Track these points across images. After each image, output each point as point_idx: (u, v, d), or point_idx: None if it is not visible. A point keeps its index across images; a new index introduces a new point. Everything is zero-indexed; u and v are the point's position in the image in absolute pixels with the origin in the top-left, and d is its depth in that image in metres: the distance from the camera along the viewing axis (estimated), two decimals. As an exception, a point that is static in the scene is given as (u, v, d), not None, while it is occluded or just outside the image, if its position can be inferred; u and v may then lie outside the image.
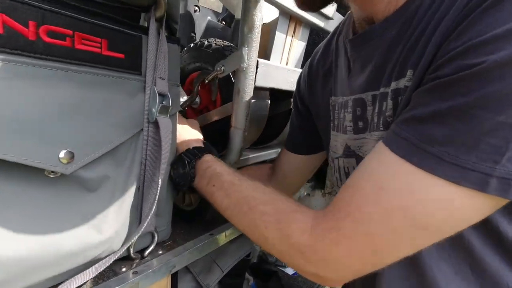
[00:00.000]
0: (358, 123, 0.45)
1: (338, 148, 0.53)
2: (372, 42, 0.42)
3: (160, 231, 0.51)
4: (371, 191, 0.32)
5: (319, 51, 0.59)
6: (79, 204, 0.35)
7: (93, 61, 0.35)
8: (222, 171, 0.49)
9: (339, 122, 0.52)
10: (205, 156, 0.51)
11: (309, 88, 0.61)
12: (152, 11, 0.42)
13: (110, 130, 0.38)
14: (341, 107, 0.50)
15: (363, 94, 0.44)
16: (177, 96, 0.49)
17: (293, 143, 0.68)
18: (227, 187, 0.46)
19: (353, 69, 0.48)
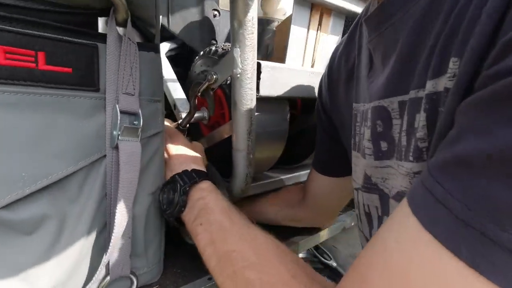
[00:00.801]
0: (380, 143, 0.31)
1: (358, 175, 0.37)
2: (393, 19, 0.28)
3: (142, 274, 0.43)
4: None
5: (342, 44, 0.44)
6: (8, 251, 0.29)
7: (24, 78, 0.30)
8: (215, 206, 0.38)
9: (359, 139, 0.36)
10: (202, 183, 0.42)
11: (330, 93, 0.46)
12: (111, 14, 0.35)
13: (48, 161, 0.31)
14: (362, 119, 0.35)
15: (385, 100, 0.29)
16: (155, 114, 0.41)
17: (320, 163, 0.55)
18: (214, 231, 0.36)
19: (375, 61, 0.33)
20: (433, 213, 0.17)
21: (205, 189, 0.41)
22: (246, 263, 0.31)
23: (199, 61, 0.61)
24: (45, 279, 0.32)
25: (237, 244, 0.33)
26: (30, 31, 0.29)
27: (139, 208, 0.40)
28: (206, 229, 0.37)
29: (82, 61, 0.33)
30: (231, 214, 0.37)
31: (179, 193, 0.40)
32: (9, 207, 0.29)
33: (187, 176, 0.42)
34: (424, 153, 0.24)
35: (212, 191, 0.41)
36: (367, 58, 0.36)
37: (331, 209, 0.61)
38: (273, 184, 0.64)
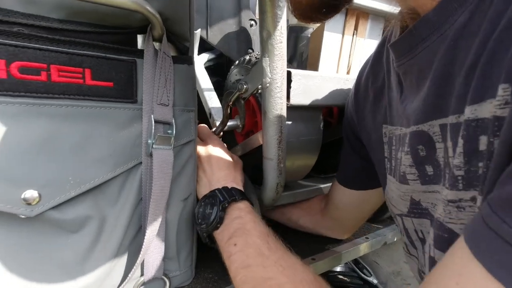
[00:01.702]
0: (426, 168, 0.29)
1: (398, 201, 0.35)
2: (427, 43, 0.27)
3: (174, 276, 0.44)
4: None
5: (368, 62, 0.43)
6: (54, 248, 0.33)
7: (74, 93, 0.33)
8: (252, 229, 0.37)
9: (396, 164, 0.34)
10: (240, 202, 0.41)
11: (357, 112, 0.45)
12: (148, 31, 0.37)
13: (90, 167, 0.34)
14: (399, 143, 0.34)
15: (424, 125, 0.28)
16: (188, 123, 0.43)
17: (343, 176, 0.55)
18: (251, 255, 0.35)
19: (405, 85, 0.32)
20: (500, 257, 0.16)
21: (243, 209, 0.41)
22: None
23: (234, 70, 0.63)
24: (87, 275, 0.35)
25: (275, 272, 0.32)
26: (79, 51, 0.33)
27: (171, 213, 0.42)
28: (241, 250, 0.36)
29: (122, 76, 0.36)
30: (269, 240, 0.36)
31: (218, 209, 0.40)
32: (57, 208, 0.32)
33: (227, 192, 0.42)
34: (460, 181, 0.24)
35: (250, 212, 0.40)
36: (396, 81, 0.35)
37: (351, 221, 0.59)
38: (307, 193, 0.62)
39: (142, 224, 0.40)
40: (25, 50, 0.30)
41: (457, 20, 0.24)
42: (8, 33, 0.29)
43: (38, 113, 0.31)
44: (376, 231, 0.73)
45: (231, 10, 0.72)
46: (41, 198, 0.31)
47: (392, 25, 0.37)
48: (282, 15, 0.37)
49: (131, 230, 0.39)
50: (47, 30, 0.31)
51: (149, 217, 0.37)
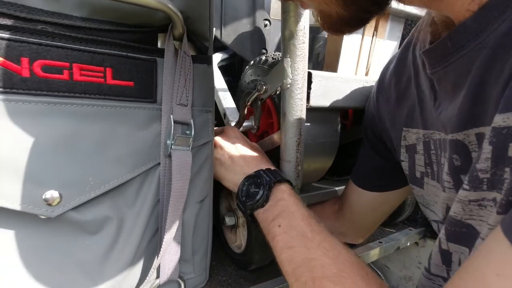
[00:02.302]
0: (461, 177, 0.29)
1: (437, 207, 0.35)
2: (464, 51, 0.27)
3: (189, 279, 0.44)
4: None
5: (392, 63, 0.43)
6: (74, 249, 0.33)
7: (95, 92, 0.33)
8: (296, 211, 0.38)
9: (439, 169, 0.34)
10: (284, 184, 0.41)
11: (379, 111, 0.44)
12: (169, 30, 0.37)
13: (110, 167, 0.34)
14: (440, 148, 0.34)
15: (459, 134, 0.28)
16: (206, 123, 0.42)
17: (360, 177, 0.53)
18: (295, 236, 0.35)
19: (439, 92, 0.32)
20: None
21: (285, 191, 0.41)
22: (326, 273, 0.31)
23: (249, 70, 0.62)
24: (106, 277, 0.34)
25: (318, 253, 0.33)
26: (100, 50, 0.32)
27: (188, 215, 0.41)
28: (285, 232, 0.36)
29: (143, 75, 0.36)
30: (312, 222, 0.37)
31: (265, 188, 0.40)
32: (77, 209, 0.32)
33: (271, 173, 0.42)
34: (485, 183, 0.24)
35: (292, 194, 0.41)
36: (429, 87, 0.34)
37: (367, 224, 0.57)
38: (322, 196, 0.61)
39: (159, 225, 0.39)
40: (48, 48, 0.30)
41: (497, 29, 0.24)
42: (32, 31, 0.29)
43: (60, 113, 0.31)
44: (389, 235, 0.71)
45: (246, 9, 0.71)
46: (62, 199, 0.30)
47: (419, 30, 0.36)
48: (305, 14, 0.36)
49: (149, 231, 0.38)
50: (69, 29, 0.31)
51: (167, 219, 0.36)
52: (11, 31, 0.28)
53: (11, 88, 0.29)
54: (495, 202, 0.23)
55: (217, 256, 0.55)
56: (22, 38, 0.29)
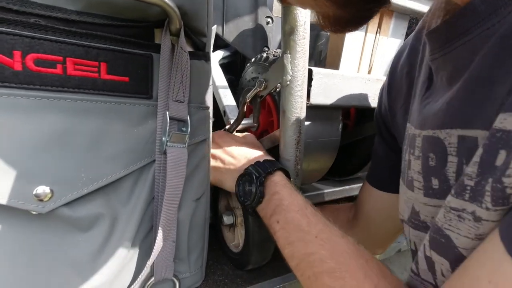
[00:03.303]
0: (432, 180, 0.27)
1: (403, 207, 0.33)
2: (468, 37, 0.23)
3: (185, 278, 0.43)
4: None
5: (405, 50, 0.40)
6: (65, 246, 0.32)
7: (89, 87, 0.32)
8: (290, 204, 0.37)
9: (404, 166, 0.32)
10: (276, 174, 0.41)
11: (391, 107, 0.42)
12: (166, 25, 0.36)
13: (103, 164, 0.33)
14: (409, 144, 0.32)
15: (441, 131, 0.25)
16: (203, 121, 0.41)
17: (376, 177, 0.49)
18: (292, 231, 0.35)
19: (434, 82, 0.29)
20: None
21: (278, 182, 0.40)
22: (325, 268, 0.30)
23: (250, 68, 0.61)
24: (98, 275, 0.34)
25: (316, 247, 0.32)
26: (95, 44, 0.32)
27: (183, 213, 0.41)
28: (283, 228, 0.36)
29: (138, 70, 0.35)
30: (307, 213, 0.36)
31: (256, 184, 0.40)
32: (69, 205, 0.31)
33: (260, 167, 0.41)
34: (467, 192, 0.22)
35: (285, 185, 0.40)
36: (425, 75, 0.31)
37: (386, 232, 0.52)
38: (321, 196, 0.60)
39: (154, 223, 0.39)
40: (41, 42, 0.29)
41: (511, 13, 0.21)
42: (25, 24, 0.28)
43: (53, 107, 0.30)
44: (391, 237, 0.70)
45: (248, 7, 0.70)
46: (53, 195, 0.30)
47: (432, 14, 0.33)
48: (307, 11, 0.35)
49: (143, 229, 0.38)
50: (63, 22, 0.30)
51: (161, 217, 0.36)
52: (3, 24, 0.28)
53: (2, 82, 0.28)
54: (474, 216, 0.22)
55: (214, 255, 0.54)
56: (14, 31, 0.28)
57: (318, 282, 0.30)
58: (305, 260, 0.32)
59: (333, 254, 0.31)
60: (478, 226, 0.21)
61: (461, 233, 0.23)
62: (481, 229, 0.21)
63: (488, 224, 0.21)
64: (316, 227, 0.34)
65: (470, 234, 0.22)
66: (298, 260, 0.33)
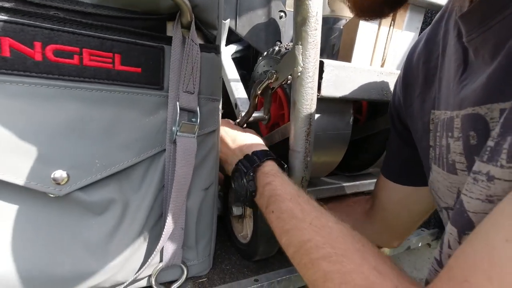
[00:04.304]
0: (474, 158, 0.26)
1: (445, 193, 0.32)
2: (506, 12, 0.23)
3: (192, 265, 0.45)
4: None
5: (422, 39, 0.39)
6: (80, 228, 0.34)
7: (103, 77, 0.34)
8: (283, 193, 0.38)
9: (441, 152, 0.31)
10: (265, 165, 0.41)
11: (405, 97, 0.41)
12: (177, 18, 0.37)
13: (116, 151, 0.35)
14: (445, 128, 0.30)
15: (481, 107, 0.25)
16: (213, 112, 0.42)
17: (391, 169, 0.49)
18: (287, 220, 0.35)
19: (470, 65, 0.28)
20: None
21: (268, 173, 0.40)
22: (321, 253, 0.30)
23: (262, 61, 0.61)
24: (109, 257, 0.35)
25: (311, 234, 0.32)
26: (110, 36, 0.33)
27: (192, 202, 0.42)
28: (278, 217, 0.36)
29: (150, 62, 0.36)
30: (300, 201, 0.36)
31: (246, 180, 0.40)
32: (84, 189, 0.33)
33: (248, 160, 0.42)
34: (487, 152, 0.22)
35: (275, 174, 0.40)
36: (460, 58, 0.30)
37: (402, 225, 0.52)
38: (331, 191, 0.60)
39: (163, 210, 0.40)
40: (60, 33, 0.31)
41: None
42: (45, 16, 0.30)
43: (70, 96, 0.32)
44: (402, 235, 0.69)
45: (261, 1, 0.70)
46: (70, 179, 0.32)
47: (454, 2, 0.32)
48: (320, 1, 0.35)
49: (153, 216, 0.39)
50: (80, 14, 0.32)
51: (170, 204, 0.37)
52: (25, 16, 0.29)
53: (24, 71, 0.30)
54: (488, 176, 0.22)
55: (222, 245, 0.55)
56: (35, 23, 0.30)
57: (315, 268, 0.30)
58: (301, 247, 0.32)
59: (329, 239, 0.31)
60: (490, 186, 0.21)
61: (473, 196, 0.23)
62: (492, 189, 0.21)
63: (500, 183, 0.21)
64: (310, 215, 0.34)
65: (482, 196, 0.22)
66: (294, 248, 0.33)
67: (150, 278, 0.41)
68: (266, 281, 0.47)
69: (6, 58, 0.29)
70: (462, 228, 0.24)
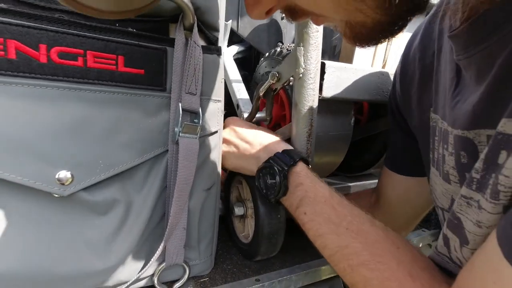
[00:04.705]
0: (466, 175, 0.29)
1: (441, 197, 0.33)
2: (486, 44, 0.24)
3: (194, 265, 0.45)
4: None
5: (418, 34, 0.40)
6: (83, 227, 0.34)
7: (107, 79, 0.34)
8: (316, 196, 0.38)
9: (438, 158, 0.32)
10: (298, 166, 0.41)
11: (403, 92, 0.42)
12: (180, 20, 0.37)
13: (119, 152, 0.35)
14: (441, 138, 0.32)
15: (470, 132, 0.27)
16: (215, 113, 0.42)
17: (393, 160, 0.50)
18: (322, 223, 0.36)
19: (462, 80, 0.30)
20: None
21: (300, 173, 0.40)
22: (360, 260, 0.31)
23: (263, 62, 0.62)
24: (112, 256, 0.36)
25: (348, 240, 0.33)
26: (113, 38, 0.34)
27: (194, 202, 0.42)
28: (312, 220, 0.37)
29: (153, 63, 0.37)
30: (334, 203, 0.36)
31: (280, 178, 0.40)
32: (88, 189, 0.34)
33: (281, 159, 0.41)
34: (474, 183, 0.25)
35: (307, 175, 0.40)
36: (453, 71, 0.31)
37: (406, 215, 0.53)
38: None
39: (166, 211, 0.40)
40: (64, 36, 0.31)
41: None
42: (50, 19, 0.31)
43: (74, 97, 0.32)
44: (404, 236, 0.69)
45: (263, 1, 0.71)
46: (74, 179, 0.32)
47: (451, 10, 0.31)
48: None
49: (155, 216, 0.40)
50: (85, 17, 0.32)
51: (172, 204, 0.37)
52: (31, 19, 0.30)
53: (30, 73, 0.30)
54: (478, 204, 0.24)
55: (223, 245, 0.56)
56: (41, 25, 0.30)
57: (355, 273, 0.32)
58: (338, 252, 0.33)
59: (366, 245, 0.32)
60: (479, 213, 0.24)
61: (468, 217, 0.26)
62: (480, 216, 0.24)
63: (486, 213, 0.23)
64: (346, 219, 0.34)
65: (474, 219, 0.24)
66: (331, 252, 0.34)
67: (152, 278, 0.41)
68: (268, 281, 0.47)
69: (12, 60, 0.30)
70: (462, 241, 0.26)
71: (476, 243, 0.25)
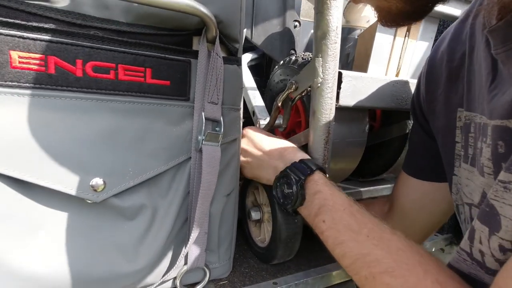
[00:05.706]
0: (502, 164, 0.28)
1: (474, 191, 0.34)
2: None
3: (214, 268, 0.46)
4: None
5: (446, 38, 0.40)
6: (114, 232, 0.36)
7: (136, 90, 0.36)
8: (335, 203, 0.38)
9: (475, 153, 0.33)
10: (315, 174, 0.41)
11: (428, 92, 0.42)
12: (203, 33, 0.39)
13: (147, 159, 0.37)
14: (479, 132, 0.32)
15: (509, 121, 0.27)
16: (235, 121, 0.44)
17: (413, 165, 0.49)
18: (342, 230, 0.35)
19: (499, 75, 0.30)
20: None
21: (319, 181, 0.40)
22: (384, 267, 0.31)
23: (278, 70, 0.63)
24: (140, 259, 0.37)
25: (370, 247, 0.33)
26: (142, 52, 0.36)
27: (215, 207, 0.44)
28: (331, 228, 0.36)
29: (178, 75, 0.38)
30: (353, 211, 0.36)
31: (297, 187, 0.40)
32: (118, 195, 0.35)
33: (298, 168, 0.41)
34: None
35: (326, 183, 0.40)
36: (489, 67, 0.32)
37: (419, 226, 0.51)
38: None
39: (188, 216, 0.42)
40: (99, 51, 0.33)
41: None
42: (86, 36, 0.33)
43: (106, 108, 0.34)
44: (417, 241, 0.69)
45: (276, 10, 0.72)
46: (106, 186, 0.34)
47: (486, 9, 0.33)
48: (339, 16, 0.37)
49: (179, 220, 0.41)
50: (117, 33, 0.34)
51: (197, 210, 0.39)
52: (69, 36, 0.32)
53: (67, 86, 0.33)
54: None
55: (240, 249, 0.57)
56: (77, 42, 0.32)
57: (377, 281, 0.31)
58: (359, 260, 0.33)
59: (389, 253, 0.31)
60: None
61: (506, 202, 0.25)
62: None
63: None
64: (366, 226, 0.34)
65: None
66: (351, 260, 0.34)
67: (175, 280, 0.43)
68: (285, 284, 0.48)
69: (52, 75, 0.32)
70: (492, 229, 0.26)
71: (508, 229, 0.24)
